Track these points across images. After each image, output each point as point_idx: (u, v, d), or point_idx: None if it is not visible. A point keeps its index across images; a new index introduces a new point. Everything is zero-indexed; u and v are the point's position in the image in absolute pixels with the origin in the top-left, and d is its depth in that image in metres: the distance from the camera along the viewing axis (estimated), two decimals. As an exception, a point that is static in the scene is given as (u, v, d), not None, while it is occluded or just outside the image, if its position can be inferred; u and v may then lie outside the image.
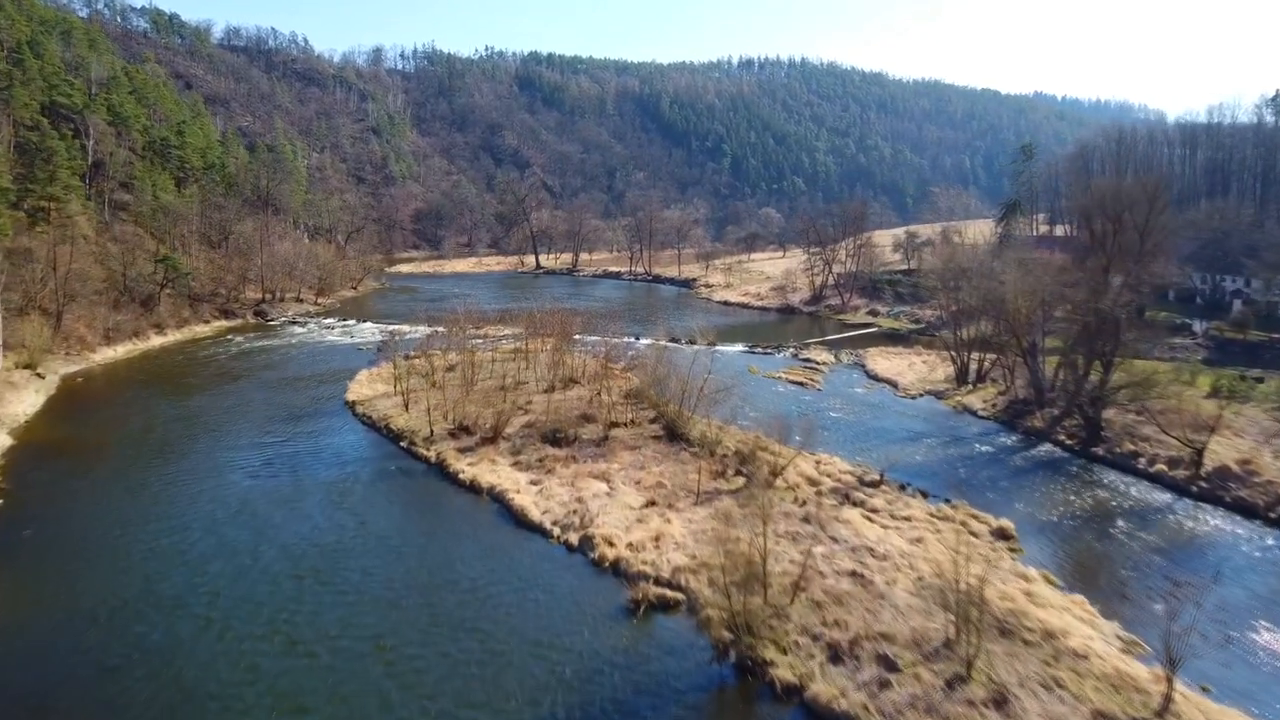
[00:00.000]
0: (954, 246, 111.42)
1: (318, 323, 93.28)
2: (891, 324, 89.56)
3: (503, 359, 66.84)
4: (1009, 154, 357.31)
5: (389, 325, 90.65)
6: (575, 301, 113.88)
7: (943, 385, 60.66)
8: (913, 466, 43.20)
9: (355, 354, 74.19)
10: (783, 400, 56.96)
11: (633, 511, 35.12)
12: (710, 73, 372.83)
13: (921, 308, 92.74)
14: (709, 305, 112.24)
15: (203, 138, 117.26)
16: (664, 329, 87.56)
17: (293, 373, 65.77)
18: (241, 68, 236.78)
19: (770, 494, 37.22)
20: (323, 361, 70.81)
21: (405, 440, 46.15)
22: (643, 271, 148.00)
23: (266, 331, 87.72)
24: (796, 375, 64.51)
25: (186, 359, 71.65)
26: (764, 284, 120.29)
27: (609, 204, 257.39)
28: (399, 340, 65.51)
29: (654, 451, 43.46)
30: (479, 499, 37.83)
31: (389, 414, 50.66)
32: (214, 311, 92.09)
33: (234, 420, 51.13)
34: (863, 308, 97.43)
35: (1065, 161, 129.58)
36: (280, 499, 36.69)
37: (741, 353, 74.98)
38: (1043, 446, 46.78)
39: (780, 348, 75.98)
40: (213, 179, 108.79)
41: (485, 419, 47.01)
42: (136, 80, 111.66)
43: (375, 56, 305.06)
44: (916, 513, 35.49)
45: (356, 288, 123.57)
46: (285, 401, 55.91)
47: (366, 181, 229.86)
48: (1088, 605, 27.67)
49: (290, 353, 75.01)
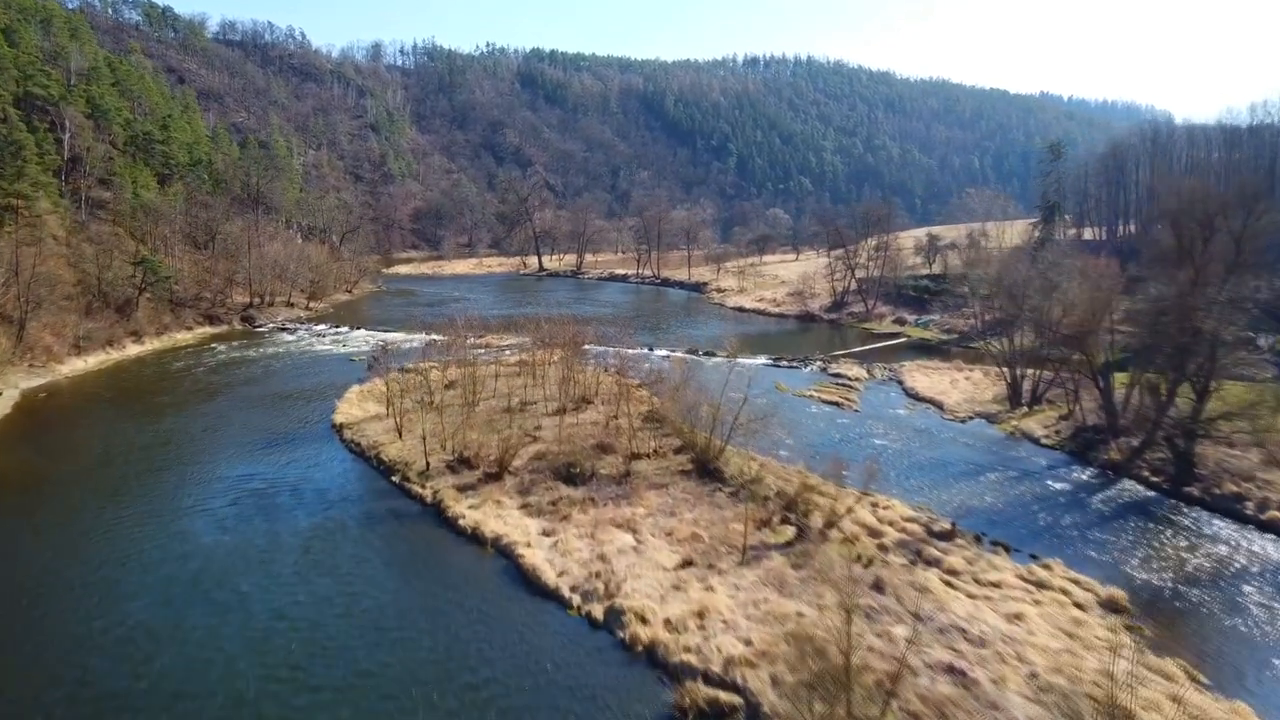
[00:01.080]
0: (981, 250, 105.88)
1: (308, 329, 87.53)
2: (921, 334, 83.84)
3: (507, 373, 61.16)
4: (1018, 154, 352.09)
5: (384, 333, 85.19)
6: (581, 307, 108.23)
7: (994, 407, 54.93)
8: (982, 510, 37.50)
9: (347, 366, 68.48)
10: (819, 424, 51.24)
11: (667, 574, 29.36)
12: (715, 71, 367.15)
13: (952, 316, 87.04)
14: (722, 311, 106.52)
15: (190, 132, 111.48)
16: (680, 339, 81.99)
17: (277, 388, 60.00)
18: (236, 62, 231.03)
19: (827, 548, 31.63)
20: (311, 375, 65.07)
21: (398, 474, 40.40)
22: (651, 274, 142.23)
23: (253, 339, 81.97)
24: (830, 393, 58.77)
25: (163, 371, 65.87)
26: (779, 289, 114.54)
27: (612, 204, 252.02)
28: (393, 353, 59.86)
29: (684, 491, 37.70)
30: (483, 552, 32.10)
31: (380, 441, 44.91)
32: (197, 317, 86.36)
33: (207, 448, 45.35)
34: (888, 315, 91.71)
35: (1096, 162, 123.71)
36: (251, 558, 30.89)
37: (765, 366, 69.25)
38: (1124, 484, 41.04)
39: (807, 361, 70.22)
40: (199, 176, 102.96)
41: (489, 449, 41.29)
42: (120, 71, 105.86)
43: (374, 52, 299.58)
44: (1005, 576, 29.74)
45: (351, 291, 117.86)
46: (266, 424, 50.13)
47: (364, 180, 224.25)
48: (1254, 717, 21.99)
49: (276, 364, 69.25)
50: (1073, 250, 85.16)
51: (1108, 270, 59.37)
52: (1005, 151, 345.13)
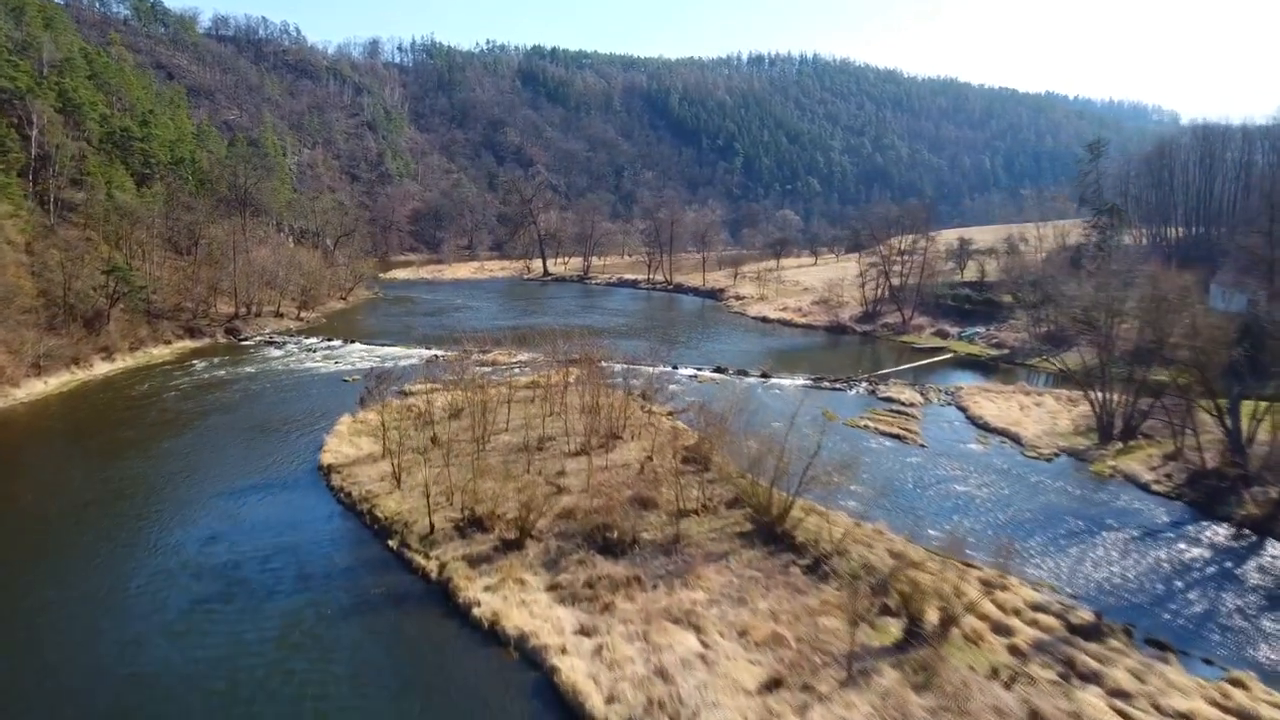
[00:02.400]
0: (1020, 255, 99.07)
1: (298, 343, 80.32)
2: (968, 348, 76.81)
3: (520, 398, 54.11)
4: (1029, 154, 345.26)
5: (381, 347, 78.10)
6: (590, 316, 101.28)
7: (1080, 441, 47.90)
8: (1116, 588, 30.49)
9: (339, 387, 61.39)
10: (885, 464, 44.17)
11: (750, 701, 22.23)
12: (719, 69, 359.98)
13: (999, 328, 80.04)
14: (743, 321, 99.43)
15: (173, 129, 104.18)
16: (704, 354, 74.96)
17: (258, 417, 52.83)
18: (229, 58, 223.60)
19: (951, 658, 24.56)
20: (298, 399, 57.92)
21: (396, 537, 33.31)
22: (662, 280, 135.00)
23: (237, 354, 74.78)
24: (887, 423, 51.71)
25: (132, 395, 58.65)
26: (803, 296, 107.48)
27: (616, 204, 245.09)
28: (391, 375, 52.75)
29: (749, 564, 30.62)
30: (504, 656, 25.05)
31: (374, 491, 37.78)
32: (177, 330, 79.12)
33: (168, 503, 38.15)
34: (927, 327, 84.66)
35: (1140, 162, 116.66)
36: (209, 673, 23.77)
37: (804, 388, 62.21)
38: (1275, 549, 34.03)
39: (851, 382, 63.12)
40: (181, 176, 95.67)
41: (505, 503, 34.20)
42: (97, 63, 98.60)
43: (371, 49, 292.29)
44: (1195, 703, 22.63)
45: (346, 298, 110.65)
46: (241, 466, 42.98)
47: (361, 180, 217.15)
48: None
49: (260, 385, 62.06)
50: (1136, 257, 78.11)
51: (1181, 280, 52.42)
52: (1016, 151, 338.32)
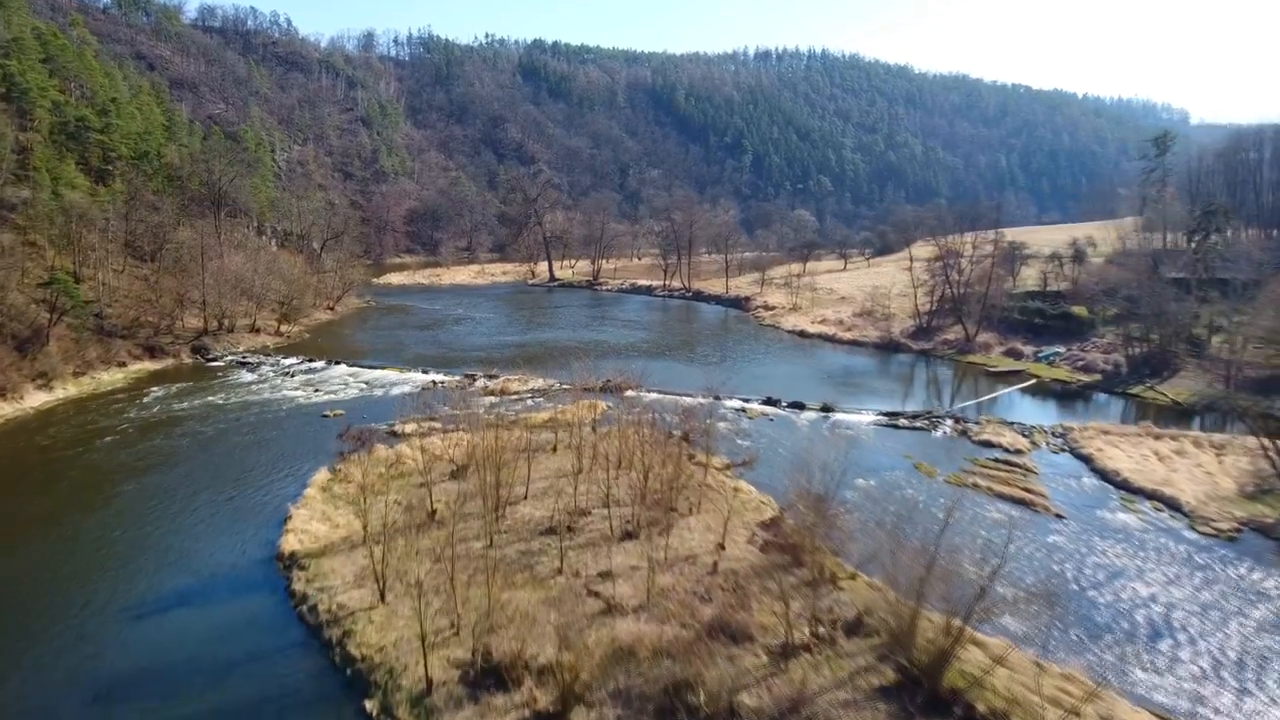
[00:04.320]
0: (1086, 259, 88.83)
1: (275, 364, 69.67)
2: (1050, 372, 66.36)
3: (539, 442, 43.72)
4: (1046, 152, 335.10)
5: (369, 370, 67.41)
6: (606, 330, 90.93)
7: (1261, 509, 37.41)
8: None
9: (317, 426, 50.81)
10: (1026, 548, 33.59)
11: None
12: (725, 64, 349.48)
13: (1084, 348, 69.65)
14: (778, 336, 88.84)
15: (140, 120, 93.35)
16: (745, 378, 64.34)
17: (211, 472, 42.18)
18: (215, 50, 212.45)
19: None
20: (264, 443, 47.28)
21: (376, 694, 22.75)
22: (680, 287, 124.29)
23: (203, 378, 64.10)
24: (1000, 480, 41.19)
25: (61, 438, 47.90)
26: (842, 307, 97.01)
27: (621, 203, 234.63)
28: (374, 431, 42.31)
29: (916, 759, 20.12)
30: None
31: (349, 606, 27.16)
32: (134, 350, 68.39)
33: (58, 622, 27.45)
34: (995, 345, 74.21)
35: (1214, 158, 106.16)
36: None
37: (876, 425, 51.78)
38: None
39: (934, 420, 52.52)
40: (145, 171, 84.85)
41: (534, 635, 23.67)
42: (52, 46, 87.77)
43: (366, 42, 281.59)
44: None
45: (334, 308, 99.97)
46: (173, 554, 32.33)
47: (355, 178, 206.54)
48: None
49: (222, 423, 51.37)
50: (1252, 265, 67.60)
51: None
52: (1033, 150, 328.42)
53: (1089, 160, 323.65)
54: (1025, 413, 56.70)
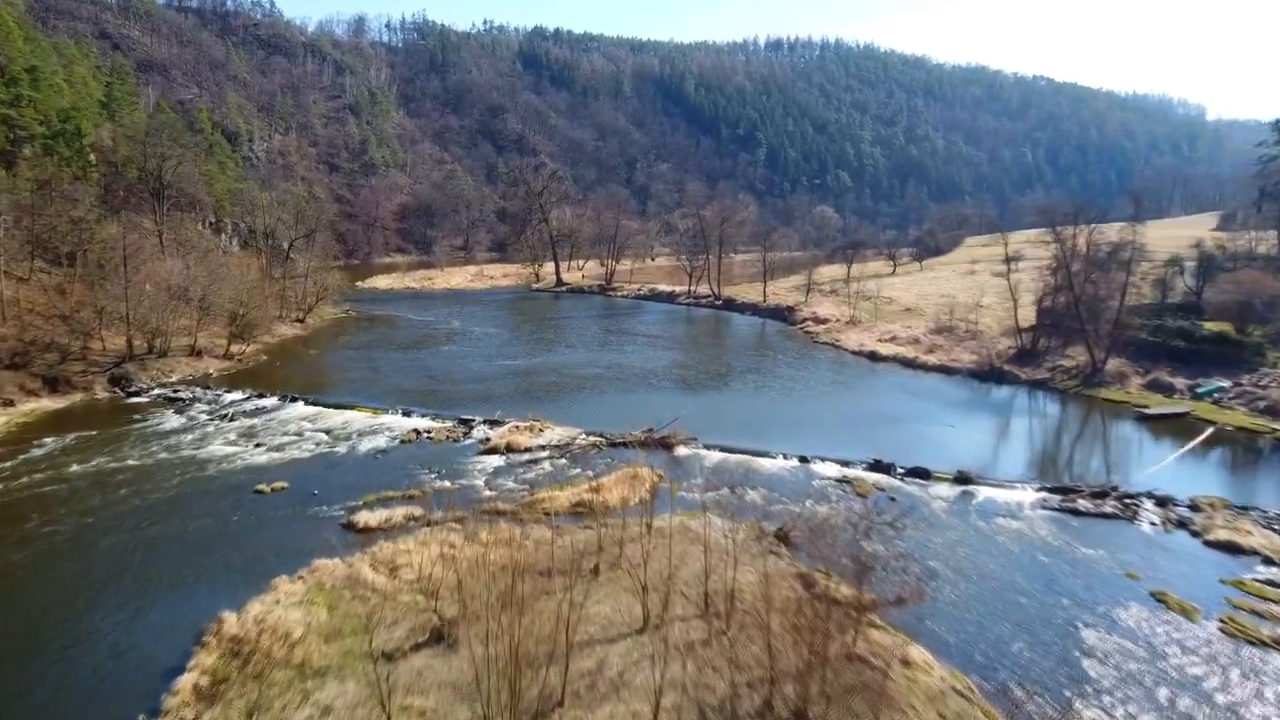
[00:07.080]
0: (1219, 264, 73.31)
1: (213, 400, 53.82)
2: (1223, 416, 50.75)
3: (567, 544, 28.38)
4: (1074, 147, 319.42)
5: (334, 411, 51.27)
6: (627, 350, 75.44)
7: None
8: None
9: (247, 508, 35.00)
10: None
11: None
12: (735, 54, 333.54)
13: (1260, 382, 54.16)
14: (840, 357, 73.06)
15: (67, 95, 77.40)
16: (822, 426, 48.61)
17: (81, 602, 26.37)
18: (190, 31, 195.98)
19: None
20: (172, 539, 31.42)
21: None
22: (709, 294, 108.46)
23: (114, 424, 48.17)
24: (1314, 635, 25.60)
25: None
26: (909, 320, 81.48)
27: (629, 199, 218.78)
28: (340, 477, 26.73)
29: None
30: None
31: None
32: (30, 382, 52.67)
33: None
34: (1130, 374, 58.74)
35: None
36: None
37: (1046, 510, 36.22)
38: None
39: (1126, 500, 36.82)
40: (63, 155, 68.89)
41: None
42: (-47, 2, 71.82)
43: (356, 26, 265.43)
44: None
45: (304, 319, 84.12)
46: None
47: (341, 170, 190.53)
48: None
49: (114, 500, 35.50)
50: None
51: None
52: (1060, 144, 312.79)
53: (1118, 156, 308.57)
54: (1231, 484, 41.27)
